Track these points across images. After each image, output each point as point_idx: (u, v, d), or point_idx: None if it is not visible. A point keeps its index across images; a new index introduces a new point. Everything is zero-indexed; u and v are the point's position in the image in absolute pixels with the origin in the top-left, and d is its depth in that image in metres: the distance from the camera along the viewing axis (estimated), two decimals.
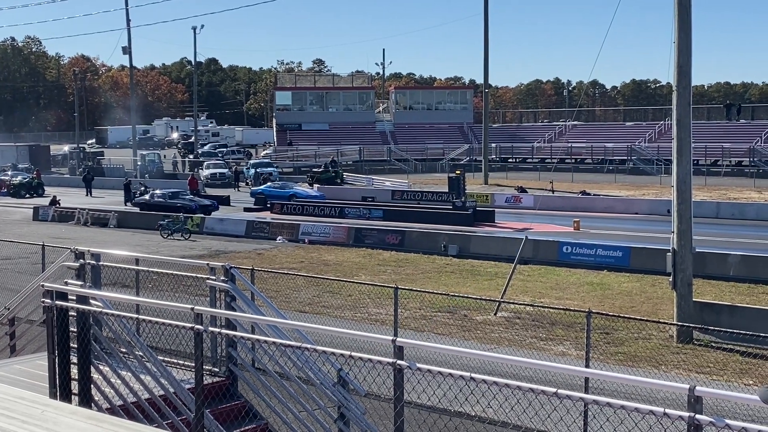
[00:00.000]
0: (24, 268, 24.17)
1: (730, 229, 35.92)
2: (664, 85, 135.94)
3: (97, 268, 10.09)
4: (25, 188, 60.04)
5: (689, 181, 19.66)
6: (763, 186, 56.51)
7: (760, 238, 33.00)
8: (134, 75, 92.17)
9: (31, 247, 23.00)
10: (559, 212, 43.53)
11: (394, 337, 6.43)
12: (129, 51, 77.93)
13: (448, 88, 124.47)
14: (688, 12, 19.00)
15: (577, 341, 16.86)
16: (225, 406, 8.62)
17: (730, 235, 33.21)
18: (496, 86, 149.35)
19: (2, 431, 4.94)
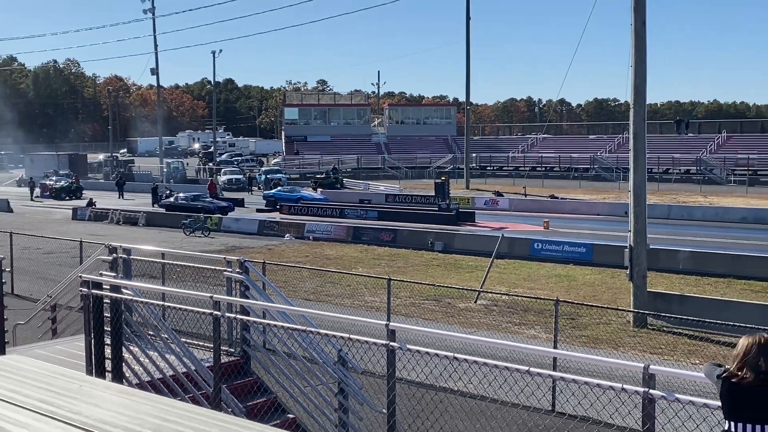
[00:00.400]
0: (64, 261, 24.11)
1: (680, 228, 36.00)
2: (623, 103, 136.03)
3: (128, 261, 10.08)
4: (65, 191, 59.91)
5: (644, 186, 19.72)
6: (708, 191, 56.65)
7: (706, 236, 33.07)
8: (161, 93, 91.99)
9: (71, 243, 22.94)
10: (531, 213, 43.59)
11: (387, 322, 6.43)
12: (156, 72, 77.96)
13: (434, 105, 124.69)
14: (642, 40, 19.05)
15: (546, 326, 16.89)
16: (239, 382, 8.61)
17: (680, 233, 33.27)
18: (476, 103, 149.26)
19: (44, 403, 4.93)
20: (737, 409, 4.63)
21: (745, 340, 4.78)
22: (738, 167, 65.88)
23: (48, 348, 9.69)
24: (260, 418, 7.56)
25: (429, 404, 8.58)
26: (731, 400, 4.65)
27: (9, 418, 4.55)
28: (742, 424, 4.57)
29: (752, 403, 4.57)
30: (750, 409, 4.58)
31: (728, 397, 4.67)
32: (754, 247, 28.74)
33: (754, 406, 4.57)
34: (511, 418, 11.04)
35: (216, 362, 7.66)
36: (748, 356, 4.67)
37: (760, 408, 4.55)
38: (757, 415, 4.55)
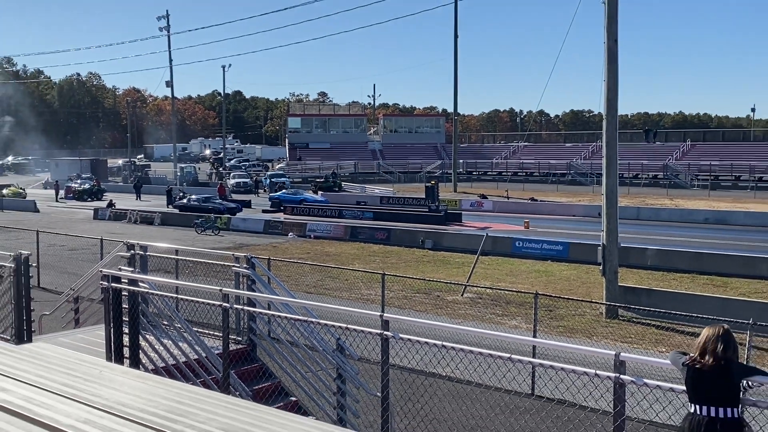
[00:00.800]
0: (86, 257, 24.06)
1: (648, 228, 36.08)
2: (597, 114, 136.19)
3: (145, 257, 10.06)
4: (87, 193, 59.79)
5: (616, 190, 19.77)
6: (673, 194, 56.83)
7: (671, 235, 33.17)
8: (175, 103, 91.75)
9: (92, 241, 22.92)
10: (512, 214, 43.63)
11: (381, 313, 6.43)
12: (171, 84, 77.73)
13: (425, 116, 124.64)
14: (615, 58, 19.10)
15: (526, 317, 16.91)
16: (246, 368, 8.60)
17: (648, 233, 33.35)
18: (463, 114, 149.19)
19: (68, 386, 4.92)
20: (700, 393, 4.68)
21: (706, 330, 4.85)
22: (701, 173, 66.10)
23: (71, 336, 9.66)
24: (265, 401, 7.55)
25: (419, 388, 8.58)
26: (694, 384, 4.71)
27: (35, 401, 4.54)
28: (705, 406, 4.62)
29: (712, 387, 4.63)
30: (711, 393, 4.63)
31: (691, 382, 4.72)
32: (715, 246, 28.83)
33: (714, 390, 4.62)
34: (495, 401, 11.06)
35: (225, 350, 7.65)
36: (708, 344, 4.74)
37: (719, 391, 4.61)
38: (717, 396, 4.61)
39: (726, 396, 4.58)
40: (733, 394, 4.58)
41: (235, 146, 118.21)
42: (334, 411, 8.27)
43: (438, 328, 7.89)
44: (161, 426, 4.17)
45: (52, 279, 20.94)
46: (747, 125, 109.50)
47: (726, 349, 4.69)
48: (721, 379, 4.60)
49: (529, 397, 11.60)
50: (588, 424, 8.97)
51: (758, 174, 62.91)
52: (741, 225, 38.16)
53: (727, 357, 4.66)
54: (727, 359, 4.65)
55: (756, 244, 29.89)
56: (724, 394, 4.58)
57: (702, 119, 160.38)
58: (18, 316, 8.63)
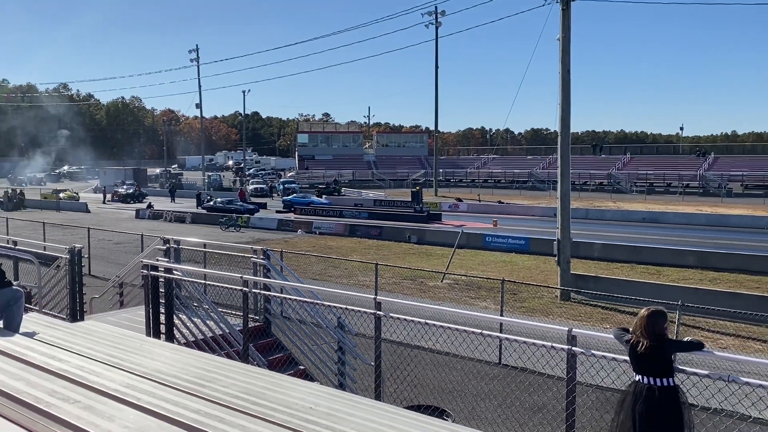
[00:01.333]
0: (129, 249, 23.96)
1: (595, 226, 36.20)
2: (553, 132, 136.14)
3: (178, 250, 10.03)
4: (130, 197, 59.45)
5: (568, 194, 19.82)
6: (616, 198, 57.00)
7: (614, 232, 33.28)
8: (203, 122, 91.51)
9: (134, 236, 22.82)
10: (483, 214, 43.69)
11: (374, 296, 6.42)
12: (200, 106, 77.68)
13: (411, 133, 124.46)
14: (567, 85, 19.14)
15: (495, 299, 16.94)
16: (263, 342, 8.58)
17: (595, 230, 33.47)
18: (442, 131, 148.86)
19: (113, 357, 4.90)
20: (641, 366, 4.69)
21: (643, 311, 4.86)
22: (639, 180, 66.30)
23: (116, 316, 9.62)
24: (278, 369, 7.53)
25: (406, 358, 8.58)
26: (636, 359, 4.71)
27: (87, 369, 4.52)
28: (647, 377, 4.64)
29: (650, 361, 4.64)
30: (648, 366, 4.64)
31: (633, 357, 4.73)
32: (650, 240, 28.95)
33: (651, 364, 4.63)
34: (468, 369, 11.08)
35: (245, 326, 7.63)
36: (644, 324, 4.74)
37: (655, 364, 4.62)
38: (654, 369, 4.61)
39: (661, 368, 4.59)
40: (667, 367, 4.59)
41: (253, 158, 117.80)
42: (335, 377, 8.26)
43: (422, 308, 7.89)
44: (192, 390, 4.16)
45: (101, 268, 20.84)
46: (677, 141, 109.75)
47: (657, 327, 4.70)
48: (656, 355, 4.61)
49: (497, 365, 11.62)
50: (545, 387, 8.99)
51: (686, 181, 63.10)
52: (671, 223, 38.33)
53: (658, 334, 4.68)
54: (657, 338, 4.66)
55: (684, 239, 30.02)
56: (659, 367, 4.59)
57: (639, 136, 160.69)
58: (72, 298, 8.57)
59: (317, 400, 4.20)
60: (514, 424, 8.76)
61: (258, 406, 3.95)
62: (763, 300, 16.19)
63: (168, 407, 3.80)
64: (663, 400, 4.52)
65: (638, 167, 70.98)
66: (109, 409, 3.74)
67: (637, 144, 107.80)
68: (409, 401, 7.19)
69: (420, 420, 4.23)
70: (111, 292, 12.20)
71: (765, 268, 21.86)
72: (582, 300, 18.04)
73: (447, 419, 6.28)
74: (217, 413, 3.77)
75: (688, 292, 16.57)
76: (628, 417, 4.70)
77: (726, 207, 46.62)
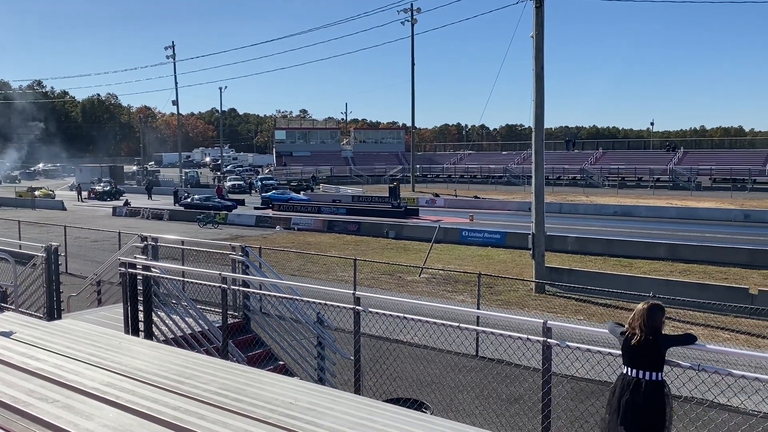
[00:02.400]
0: (107, 247, 23.65)
1: (568, 220, 36.55)
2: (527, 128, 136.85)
3: (156, 247, 9.94)
4: (107, 194, 58.68)
5: (542, 189, 19.98)
6: (589, 192, 57.59)
7: (587, 225, 33.63)
8: (180, 119, 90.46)
9: (111, 234, 22.50)
10: (460, 209, 43.88)
11: (353, 291, 6.42)
12: (176, 103, 76.67)
13: (388, 129, 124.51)
14: (541, 82, 19.27)
15: (471, 292, 17.04)
16: (242, 338, 8.54)
17: (568, 224, 33.79)
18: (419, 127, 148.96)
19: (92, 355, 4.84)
20: (631, 359, 4.70)
21: (639, 306, 4.85)
22: (611, 175, 67.03)
23: (94, 314, 9.50)
24: (258, 365, 7.50)
25: (385, 352, 8.60)
26: (628, 351, 4.73)
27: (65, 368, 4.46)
28: (635, 369, 4.66)
29: (642, 355, 4.66)
30: (640, 359, 4.66)
31: (626, 350, 4.74)
32: (622, 234, 29.33)
33: (643, 357, 4.65)
34: (446, 361, 11.14)
35: (224, 323, 7.58)
36: (640, 318, 4.75)
37: (647, 358, 4.64)
38: (645, 362, 4.64)
39: (652, 362, 4.60)
40: (658, 361, 4.61)
41: (230, 154, 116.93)
42: (315, 372, 8.25)
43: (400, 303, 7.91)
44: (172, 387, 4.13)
45: (78, 266, 20.54)
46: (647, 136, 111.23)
47: (654, 321, 4.69)
48: (649, 349, 4.63)
49: (474, 357, 11.70)
50: (522, 379, 9.08)
51: (656, 175, 64.00)
52: (643, 216, 38.83)
53: (655, 328, 4.68)
54: (653, 332, 4.66)
55: (654, 232, 30.47)
56: (650, 361, 4.60)
57: (611, 131, 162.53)
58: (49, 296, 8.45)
59: (297, 395, 4.19)
60: (492, 414, 8.83)
61: (238, 402, 3.94)
62: (731, 290, 16.52)
63: (148, 405, 3.76)
64: (649, 393, 4.55)
65: (610, 162, 71.79)
66: (88, 408, 3.70)
67: (609, 139, 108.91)
68: (389, 394, 7.21)
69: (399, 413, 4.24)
70: (89, 290, 12.03)
71: (733, 259, 22.27)
72: (556, 292, 18.20)
73: (425, 411, 6.31)
74: (197, 410, 3.75)
75: (659, 284, 16.82)
76: (613, 410, 4.73)
77: (695, 200, 47.38)
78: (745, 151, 72.92)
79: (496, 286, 18.46)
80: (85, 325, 6.77)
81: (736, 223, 35.12)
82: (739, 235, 29.08)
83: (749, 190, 54.72)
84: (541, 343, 5.06)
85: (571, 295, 17.65)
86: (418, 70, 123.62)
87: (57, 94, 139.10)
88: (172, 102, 77.04)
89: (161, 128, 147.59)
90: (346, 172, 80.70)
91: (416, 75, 71.00)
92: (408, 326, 6.25)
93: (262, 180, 64.98)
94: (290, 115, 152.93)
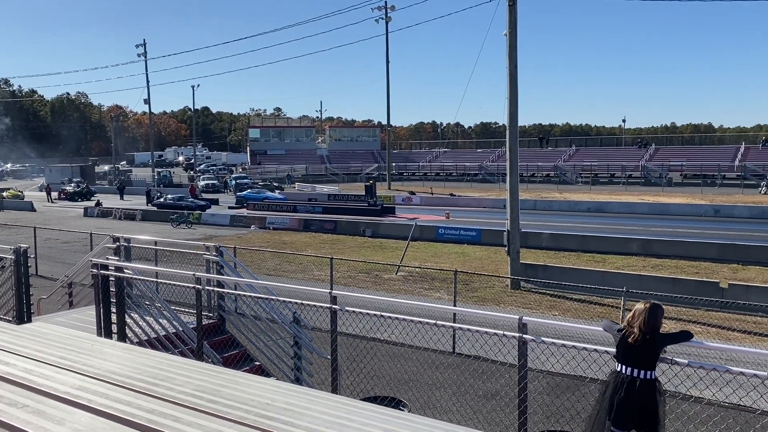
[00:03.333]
0: (78, 248, 23.26)
1: (543, 216, 36.90)
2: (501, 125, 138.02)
3: (128, 248, 9.79)
4: (78, 195, 57.70)
5: (517, 186, 20.13)
6: (562, 189, 58.20)
7: (561, 222, 33.98)
8: (152, 118, 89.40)
9: (83, 235, 22.16)
10: (436, 207, 44.06)
11: (330, 290, 6.40)
12: (148, 102, 75.80)
13: (363, 127, 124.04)
14: (515, 80, 19.41)
15: (448, 290, 17.12)
16: (217, 339, 8.46)
17: (543, 220, 34.11)
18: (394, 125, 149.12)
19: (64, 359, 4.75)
20: (627, 357, 4.74)
21: (639, 305, 4.88)
22: (584, 172, 67.79)
23: (66, 316, 9.33)
24: (234, 366, 7.45)
25: (362, 351, 8.59)
26: (624, 349, 4.76)
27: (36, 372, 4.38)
28: (629, 367, 4.70)
29: (638, 353, 4.69)
30: (635, 357, 4.70)
31: (622, 348, 4.77)
32: (595, 230, 29.66)
33: (638, 356, 4.69)
34: (423, 359, 11.17)
35: (198, 324, 7.50)
36: (638, 317, 4.79)
37: (642, 356, 4.68)
38: (640, 361, 4.69)
39: (647, 361, 4.64)
40: (653, 360, 4.65)
41: (204, 153, 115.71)
42: (292, 372, 8.21)
43: (377, 301, 7.90)
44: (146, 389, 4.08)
45: (49, 268, 20.17)
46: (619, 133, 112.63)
47: (653, 321, 4.71)
48: (646, 348, 4.66)
49: (451, 354, 11.75)
50: (498, 375, 9.14)
51: (628, 172, 64.89)
52: (615, 212, 39.34)
53: (652, 329, 4.70)
54: (652, 331, 4.68)
55: (627, 228, 30.89)
56: (646, 359, 4.64)
57: (584, 128, 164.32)
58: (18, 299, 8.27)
59: (274, 396, 4.17)
60: (469, 411, 8.88)
61: (213, 403, 3.90)
62: (702, 284, 16.83)
63: (121, 408, 3.71)
64: (643, 391, 4.59)
65: (583, 159, 72.62)
66: (60, 413, 3.63)
67: (582, 136, 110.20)
68: (366, 393, 7.21)
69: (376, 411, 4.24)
70: (60, 293, 11.83)
71: (704, 254, 22.68)
72: (532, 288, 18.36)
73: (403, 409, 6.33)
74: (172, 412, 3.70)
75: (632, 279, 17.08)
76: (604, 407, 4.76)
77: (666, 196, 48.17)
78: (715, 148, 74.36)
79: (472, 283, 18.55)
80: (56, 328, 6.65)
81: (707, 218, 35.79)
82: (710, 230, 29.65)
83: (719, 186, 55.80)
84: (517, 339, 5.10)
85: (546, 290, 17.82)
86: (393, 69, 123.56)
87: (25, 92, 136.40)
88: (144, 101, 76.19)
89: (133, 127, 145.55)
90: (322, 170, 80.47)
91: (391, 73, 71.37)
92: (385, 324, 6.24)
93: (236, 179, 64.49)
94: (264, 113, 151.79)
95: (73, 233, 25.09)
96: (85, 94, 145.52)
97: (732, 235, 27.56)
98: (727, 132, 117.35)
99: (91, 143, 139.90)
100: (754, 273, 19.89)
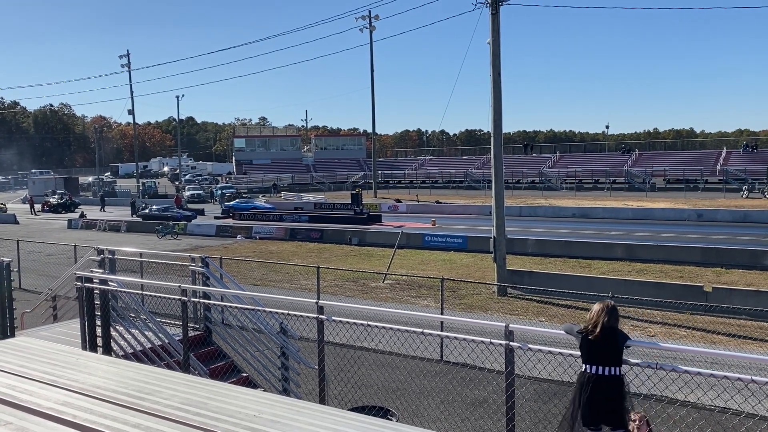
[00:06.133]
0: (62, 261, 23.02)
1: (528, 223, 37.01)
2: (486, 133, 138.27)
3: (113, 260, 9.71)
4: (62, 206, 57.13)
5: (502, 193, 20.24)
6: (547, 195, 58.50)
7: (547, 227, 34.17)
8: (136, 128, 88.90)
9: (66, 247, 21.94)
10: (422, 214, 44.12)
11: (317, 300, 6.39)
12: (132, 112, 75.41)
13: (349, 135, 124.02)
14: (498, 87, 19.54)
15: (435, 297, 17.12)
16: (204, 350, 8.41)
17: (528, 226, 34.23)
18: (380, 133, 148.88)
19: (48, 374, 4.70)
20: (590, 356, 4.81)
21: (596, 305, 4.99)
22: (568, 178, 68.17)
23: (50, 330, 9.23)
24: (220, 378, 7.40)
25: (350, 360, 8.57)
26: (587, 349, 4.84)
27: (19, 388, 4.32)
28: (594, 366, 4.77)
29: (601, 351, 4.77)
30: (599, 355, 4.78)
31: (585, 348, 4.85)
32: (580, 235, 29.86)
33: (602, 353, 4.77)
34: (411, 367, 11.15)
35: (184, 336, 7.45)
36: (598, 317, 4.88)
37: (606, 353, 4.76)
38: (604, 358, 4.76)
39: (611, 358, 4.73)
40: (617, 356, 4.74)
41: (189, 163, 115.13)
42: (279, 383, 8.17)
43: (364, 310, 7.90)
44: (132, 404, 4.04)
45: (32, 281, 19.94)
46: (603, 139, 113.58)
47: (612, 320, 4.84)
48: (608, 345, 4.76)
49: (438, 362, 11.75)
50: (486, 382, 9.15)
51: (612, 177, 65.40)
52: (600, 218, 39.62)
53: (612, 326, 4.81)
54: (612, 328, 4.80)
55: (612, 233, 31.12)
56: (609, 357, 4.73)
57: (568, 135, 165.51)
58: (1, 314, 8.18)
59: (261, 408, 4.14)
60: (457, 419, 8.88)
61: (200, 416, 3.87)
62: (687, 288, 16.98)
63: (107, 423, 3.67)
64: (608, 388, 4.68)
65: (567, 165, 73.09)
66: (44, 429, 3.59)
67: (566, 143, 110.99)
68: (354, 402, 7.19)
69: (364, 421, 4.23)
70: (44, 306, 11.70)
71: (687, 258, 22.89)
72: (518, 294, 18.43)
73: (392, 419, 6.31)
74: (158, 426, 3.67)
75: (618, 283, 17.18)
76: (576, 407, 4.82)
77: (650, 201, 48.58)
78: (697, 152, 75.16)
79: (459, 290, 18.57)
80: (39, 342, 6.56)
81: (690, 222, 36.14)
82: (693, 234, 29.94)
83: (701, 190, 56.38)
84: (504, 347, 5.12)
85: (532, 296, 17.88)
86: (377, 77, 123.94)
87: (7, 104, 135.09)
88: (128, 111, 75.92)
89: (117, 138, 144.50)
90: (308, 179, 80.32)
91: (376, 81, 71.19)
92: (372, 333, 6.24)
93: (222, 189, 64.21)
94: (249, 122, 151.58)
95: (57, 246, 24.85)
96: (69, 106, 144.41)
97: (715, 239, 27.85)
98: (708, 137, 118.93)
99: (75, 155, 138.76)
100: (737, 276, 20.09)
